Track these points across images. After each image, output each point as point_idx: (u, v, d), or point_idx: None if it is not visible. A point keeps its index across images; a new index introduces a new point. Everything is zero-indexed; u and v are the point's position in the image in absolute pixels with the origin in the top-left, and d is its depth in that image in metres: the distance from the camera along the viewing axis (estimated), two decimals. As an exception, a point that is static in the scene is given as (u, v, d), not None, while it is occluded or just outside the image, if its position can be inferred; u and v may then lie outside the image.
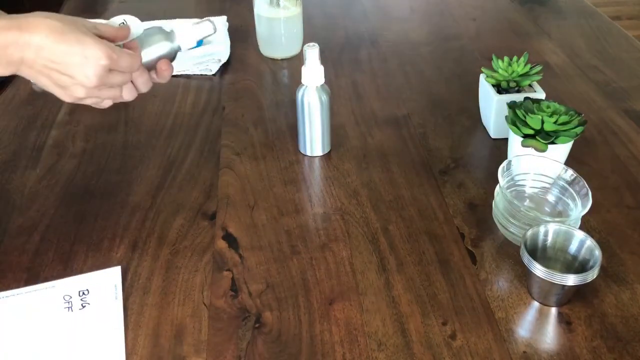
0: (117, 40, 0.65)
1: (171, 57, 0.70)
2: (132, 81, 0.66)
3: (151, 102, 0.99)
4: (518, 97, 0.83)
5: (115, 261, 0.69)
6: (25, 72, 0.60)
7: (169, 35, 0.69)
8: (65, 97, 0.62)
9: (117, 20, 0.67)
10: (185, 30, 0.70)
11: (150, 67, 0.68)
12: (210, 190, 0.80)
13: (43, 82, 0.61)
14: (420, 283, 0.66)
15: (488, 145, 0.89)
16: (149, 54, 0.67)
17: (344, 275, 0.67)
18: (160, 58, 0.68)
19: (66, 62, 0.59)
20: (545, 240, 0.65)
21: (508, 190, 0.73)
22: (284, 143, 0.89)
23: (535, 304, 0.64)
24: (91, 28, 0.62)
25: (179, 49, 0.70)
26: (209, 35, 0.71)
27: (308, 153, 0.86)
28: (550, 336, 0.61)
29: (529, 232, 0.64)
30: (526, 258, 0.62)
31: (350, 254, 0.70)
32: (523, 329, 0.61)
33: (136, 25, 0.68)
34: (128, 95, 0.66)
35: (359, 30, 1.23)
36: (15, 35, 0.57)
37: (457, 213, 0.76)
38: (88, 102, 0.64)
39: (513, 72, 0.86)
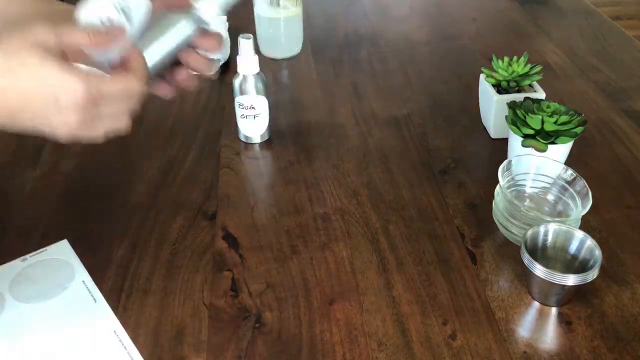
0: (106, 49, 0.50)
1: (191, 39, 0.54)
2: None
3: (151, 102, 0.99)
4: (518, 97, 0.83)
5: (115, 261, 0.69)
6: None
7: (182, 15, 0.53)
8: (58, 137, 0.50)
9: (94, 14, 0.48)
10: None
11: (168, 61, 0.54)
12: (210, 190, 0.80)
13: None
14: (420, 283, 0.66)
15: (488, 145, 0.89)
16: (159, 50, 0.51)
17: (344, 275, 0.67)
18: (181, 47, 0.53)
19: (32, 110, 0.46)
20: (545, 240, 0.65)
21: (508, 190, 0.72)
22: (284, 143, 0.89)
23: (535, 304, 0.64)
24: (57, 44, 0.47)
25: (202, 23, 0.54)
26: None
27: (246, 140, 0.88)
28: (550, 336, 0.61)
29: (529, 232, 0.64)
30: (526, 258, 0.62)
31: (350, 254, 0.70)
32: (523, 329, 0.61)
33: (137, 12, 0.50)
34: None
35: (359, 30, 1.23)
36: None
37: (457, 213, 0.76)
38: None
39: (513, 72, 0.86)
